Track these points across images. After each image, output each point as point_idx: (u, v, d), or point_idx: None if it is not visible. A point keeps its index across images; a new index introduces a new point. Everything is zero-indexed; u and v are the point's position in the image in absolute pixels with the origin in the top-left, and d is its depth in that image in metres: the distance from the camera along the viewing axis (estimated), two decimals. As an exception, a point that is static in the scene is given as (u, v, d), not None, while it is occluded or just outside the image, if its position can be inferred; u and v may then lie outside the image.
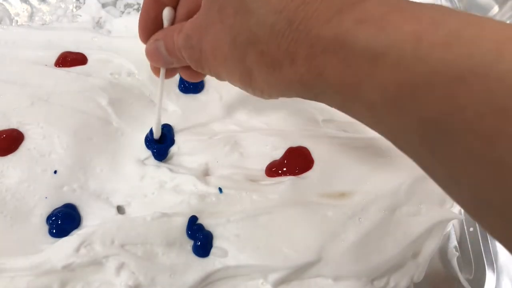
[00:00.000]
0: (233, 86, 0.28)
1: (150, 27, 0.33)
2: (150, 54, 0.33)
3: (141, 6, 0.59)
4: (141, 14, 0.33)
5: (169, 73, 0.36)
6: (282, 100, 0.46)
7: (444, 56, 0.16)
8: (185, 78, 0.36)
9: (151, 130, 0.41)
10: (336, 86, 0.20)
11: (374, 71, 0.18)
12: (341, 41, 0.19)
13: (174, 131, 0.43)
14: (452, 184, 0.18)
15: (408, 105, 0.17)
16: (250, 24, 0.22)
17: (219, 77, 0.28)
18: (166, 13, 0.32)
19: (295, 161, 0.40)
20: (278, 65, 0.22)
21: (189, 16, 0.29)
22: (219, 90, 0.46)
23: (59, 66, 0.48)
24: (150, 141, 0.42)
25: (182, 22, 0.30)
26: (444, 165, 0.17)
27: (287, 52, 0.21)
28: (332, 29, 0.19)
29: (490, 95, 0.15)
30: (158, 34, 0.32)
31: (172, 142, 0.42)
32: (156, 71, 0.36)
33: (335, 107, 0.22)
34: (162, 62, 0.33)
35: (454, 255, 0.44)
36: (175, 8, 0.32)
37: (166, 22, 0.32)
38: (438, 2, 0.61)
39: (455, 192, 0.18)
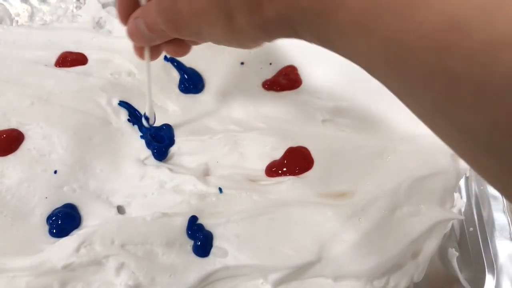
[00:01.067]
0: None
1: (128, 7, 0.33)
2: (131, 33, 0.32)
3: (141, 6, 0.60)
4: None
5: (154, 53, 0.36)
6: (282, 100, 0.46)
7: None
8: (170, 54, 0.36)
9: (145, 115, 0.41)
10: (312, 15, 0.21)
11: None
12: None
13: (174, 131, 0.43)
14: (413, 100, 0.19)
15: (372, 25, 0.18)
16: None
17: (199, 35, 0.28)
18: None
19: (295, 161, 0.40)
20: (258, 4, 0.23)
21: None
22: (219, 90, 0.46)
23: (59, 66, 0.48)
24: (149, 140, 0.42)
25: None
26: (405, 80, 0.18)
27: None
28: None
29: (443, 11, 0.16)
30: (136, 12, 0.31)
31: (172, 142, 0.42)
32: (140, 52, 0.36)
33: (311, 40, 0.23)
34: (144, 40, 0.33)
35: (454, 255, 0.44)
36: None
37: (143, 0, 0.31)
38: None
39: (417, 109, 0.19)
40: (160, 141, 0.42)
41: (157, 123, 0.45)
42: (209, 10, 0.25)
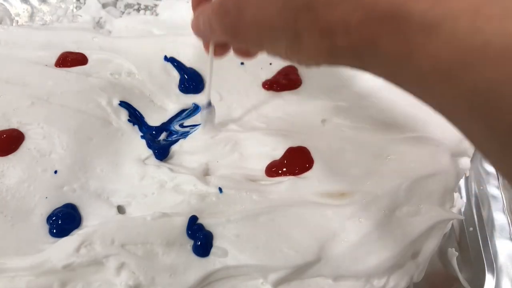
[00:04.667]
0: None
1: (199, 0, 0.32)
2: (193, 28, 0.32)
3: (141, 6, 0.59)
4: None
5: (220, 50, 0.36)
6: (282, 100, 0.46)
7: (501, 28, 0.16)
8: (237, 54, 0.35)
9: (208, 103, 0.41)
10: (388, 55, 0.20)
11: (428, 41, 0.18)
12: (396, 11, 0.19)
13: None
14: (498, 154, 0.18)
15: (461, 75, 0.17)
16: None
17: (260, 47, 0.27)
18: None
19: (295, 161, 0.40)
20: (331, 32, 0.22)
21: None
22: (219, 90, 0.46)
23: (59, 66, 0.48)
24: (150, 140, 0.42)
25: None
26: (491, 134, 0.18)
27: (341, 19, 0.21)
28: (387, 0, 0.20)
29: None
30: (200, 9, 0.31)
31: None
32: (206, 47, 0.36)
33: (382, 76, 0.22)
34: (202, 36, 0.33)
35: (454, 255, 0.44)
36: None
37: None
38: None
39: (500, 163, 0.19)
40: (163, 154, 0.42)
41: (157, 123, 0.45)
42: (276, 25, 0.24)
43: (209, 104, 0.41)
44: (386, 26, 0.19)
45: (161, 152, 0.42)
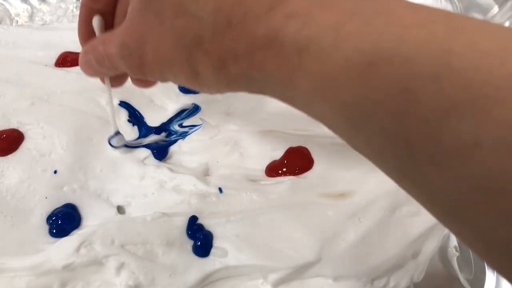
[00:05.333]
0: None
1: (86, 36, 0.33)
2: (82, 67, 0.32)
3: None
4: (78, 23, 0.33)
5: (117, 81, 0.36)
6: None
7: (357, 45, 0.17)
8: (135, 84, 0.36)
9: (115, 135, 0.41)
10: (275, 78, 0.21)
11: (302, 62, 0.19)
12: (273, 36, 0.20)
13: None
14: (378, 159, 0.20)
15: (331, 91, 0.19)
16: (192, 25, 0.23)
17: (164, 79, 0.28)
18: (95, 21, 0.31)
19: (295, 161, 0.40)
20: (223, 63, 0.23)
21: None
22: (219, 90, 0.46)
23: (59, 66, 0.48)
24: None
25: (110, 32, 0.29)
26: (367, 142, 0.19)
27: (229, 49, 0.22)
28: (265, 25, 0.20)
29: (396, 78, 0.16)
30: (87, 47, 0.31)
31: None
32: (102, 79, 0.36)
33: (279, 99, 0.23)
34: (96, 73, 0.33)
35: (454, 255, 0.44)
36: (112, 14, 0.32)
37: (97, 31, 0.31)
38: (438, 2, 0.61)
39: (383, 166, 0.20)
40: (161, 154, 0.42)
41: (157, 123, 0.45)
42: (174, 62, 0.25)
43: (118, 133, 0.40)
44: (268, 52, 0.20)
45: (160, 152, 0.42)
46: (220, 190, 0.38)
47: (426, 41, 0.16)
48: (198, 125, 0.44)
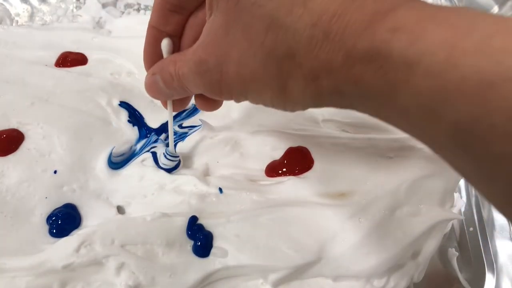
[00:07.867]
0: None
1: (152, 58, 0.32)
2: (148, 88, 0.32)
3: (141, 6, 0.60)
4: (144, 45, 0.32)
5: (179, 104, 0.36)
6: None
7: (475, 63, 0.16)
8: (200, 108, 0.34)
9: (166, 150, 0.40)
10: (372, 93, 0.20)
11: (409, 78, 0.18)
12: (376, 50, 0.19)
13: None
14: (485, 184, 0.18)
15: (441, 110, 0.18)
16: (285, 39, 0.22)
17: (244, 98, 0.27)
18: (165, 44, 0.31)
19: (295, 161, 0.40)
20: (315, 76, 0.22)
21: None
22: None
23: (59, 66, 0.48)
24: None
25: (180, 52, 0.29)
26: (477, 166, 0.18)
27: (324, 63, 0.21)
28: (367, 39, 0.20)
29: None
30: (155, 68, 0.31)
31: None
32: (164, 103, 0.36)
33: (369, 114, 0.23)
34: (161, 95, 0.32)
35: (454, 255, 0.44)
36: (179, 37, 0.32)
37: (165, 53, 0.31)
38: (438, 1, 0.61)
39: (489, 192, 0.19)
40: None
41: (157, 123, 0.45)
42: (260, 78, 0.24)
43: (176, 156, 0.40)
44: (368, 65, 0.20)
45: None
46: (220, 190, 0.38)
47: None
48: (198, 126, 0.44)
